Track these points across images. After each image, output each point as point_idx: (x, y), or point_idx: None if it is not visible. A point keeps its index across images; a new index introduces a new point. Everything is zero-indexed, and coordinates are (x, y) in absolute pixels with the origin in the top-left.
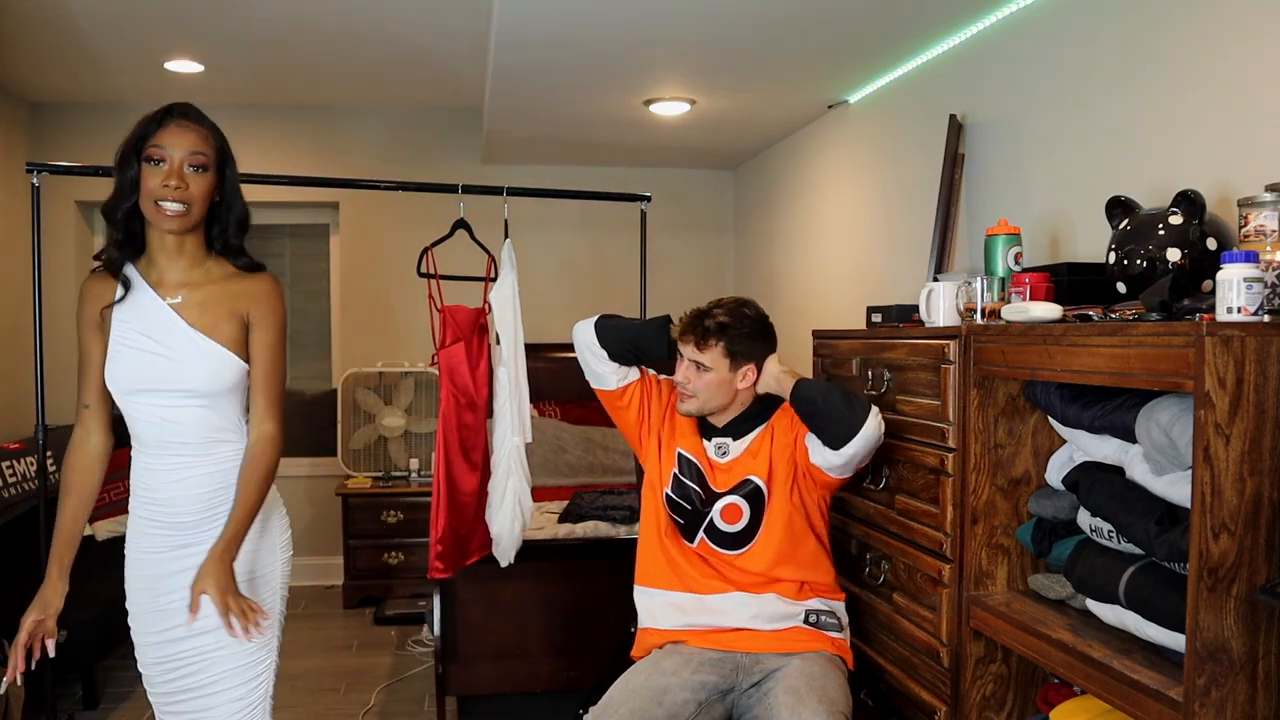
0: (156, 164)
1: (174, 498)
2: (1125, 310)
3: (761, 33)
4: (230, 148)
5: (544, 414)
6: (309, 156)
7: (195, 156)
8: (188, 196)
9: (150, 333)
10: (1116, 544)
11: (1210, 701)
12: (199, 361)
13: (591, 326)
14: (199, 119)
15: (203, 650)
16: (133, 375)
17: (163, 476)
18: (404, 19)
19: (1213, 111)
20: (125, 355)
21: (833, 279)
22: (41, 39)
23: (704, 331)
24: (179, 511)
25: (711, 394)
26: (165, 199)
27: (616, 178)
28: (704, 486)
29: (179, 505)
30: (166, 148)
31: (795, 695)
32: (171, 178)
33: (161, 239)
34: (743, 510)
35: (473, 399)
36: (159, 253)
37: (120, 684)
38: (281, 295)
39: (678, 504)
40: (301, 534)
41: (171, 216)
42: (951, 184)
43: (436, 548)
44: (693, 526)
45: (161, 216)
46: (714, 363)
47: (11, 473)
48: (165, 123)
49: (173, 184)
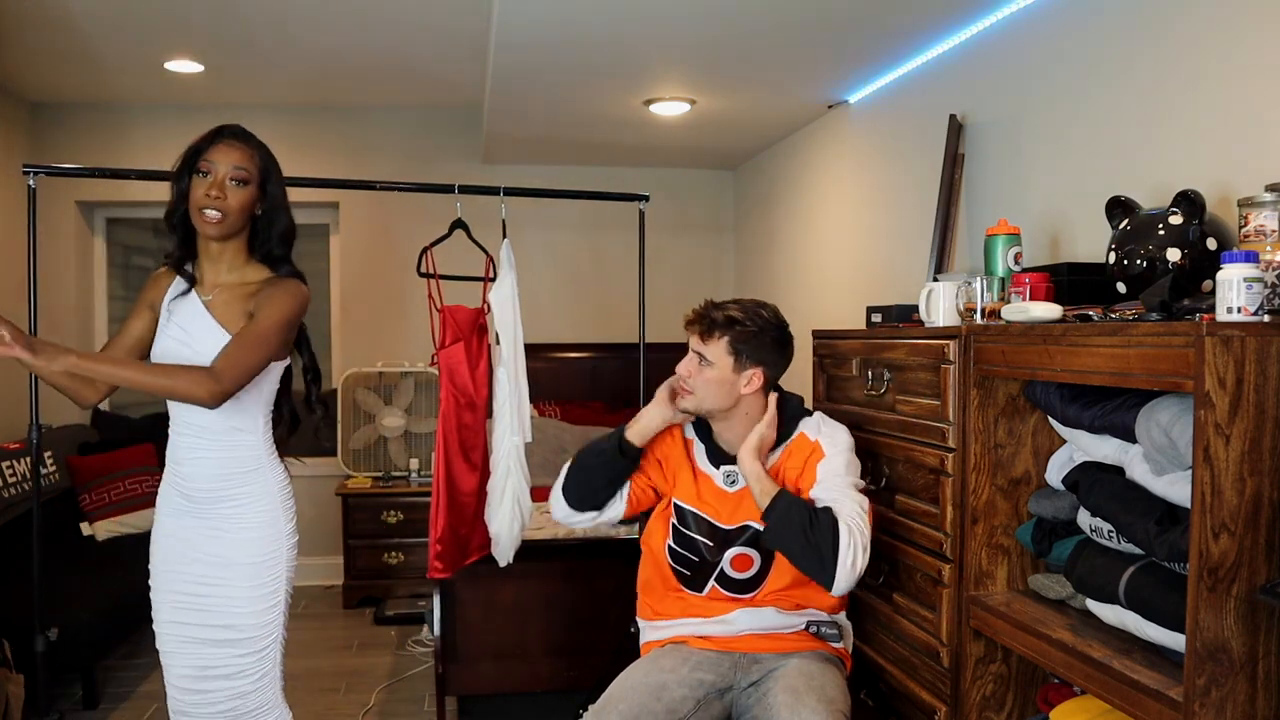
0: (204, 176)
1: (191, 473)
2: (1125, 310)
3: (761, 33)
4: (277, 166)
5: (544, 414)
6: (309, 156)
7: (237, 171)
8: (225, 206)
9: (182, 323)
10: (1116, 544)
11: (1210, 701)
12: (207, 341)
13: (560, 496)
14: (246, 138)
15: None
16: (158, 355)
17: (183, 452)
18: (404, 19)
19: (1213, 111)
20: (162, 340)
21: (833, 279)
22: (41, 39)
23: (710, 323)
24: (193, 487)
25: (711, 392)
26: (206, 207)
27: (616, 178)
28: (713, 533)
29: (193, 481)
30: (214, 162)
31: (794, 694)
32: (213, 189)
33: (206, 244)
34: (753, 559)
35: (472, 399)
36: (204, 255)
37: (120, 684)
38: (293, 294)
39: (683, 556)
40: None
41: (210, 223)
42: (951, 184)
43: (436, 548)
44: (702, 576)
45: (202, 222)
46: (717, 358)
47: (11, 473)
48: (216, 140)
49: (213, 194)
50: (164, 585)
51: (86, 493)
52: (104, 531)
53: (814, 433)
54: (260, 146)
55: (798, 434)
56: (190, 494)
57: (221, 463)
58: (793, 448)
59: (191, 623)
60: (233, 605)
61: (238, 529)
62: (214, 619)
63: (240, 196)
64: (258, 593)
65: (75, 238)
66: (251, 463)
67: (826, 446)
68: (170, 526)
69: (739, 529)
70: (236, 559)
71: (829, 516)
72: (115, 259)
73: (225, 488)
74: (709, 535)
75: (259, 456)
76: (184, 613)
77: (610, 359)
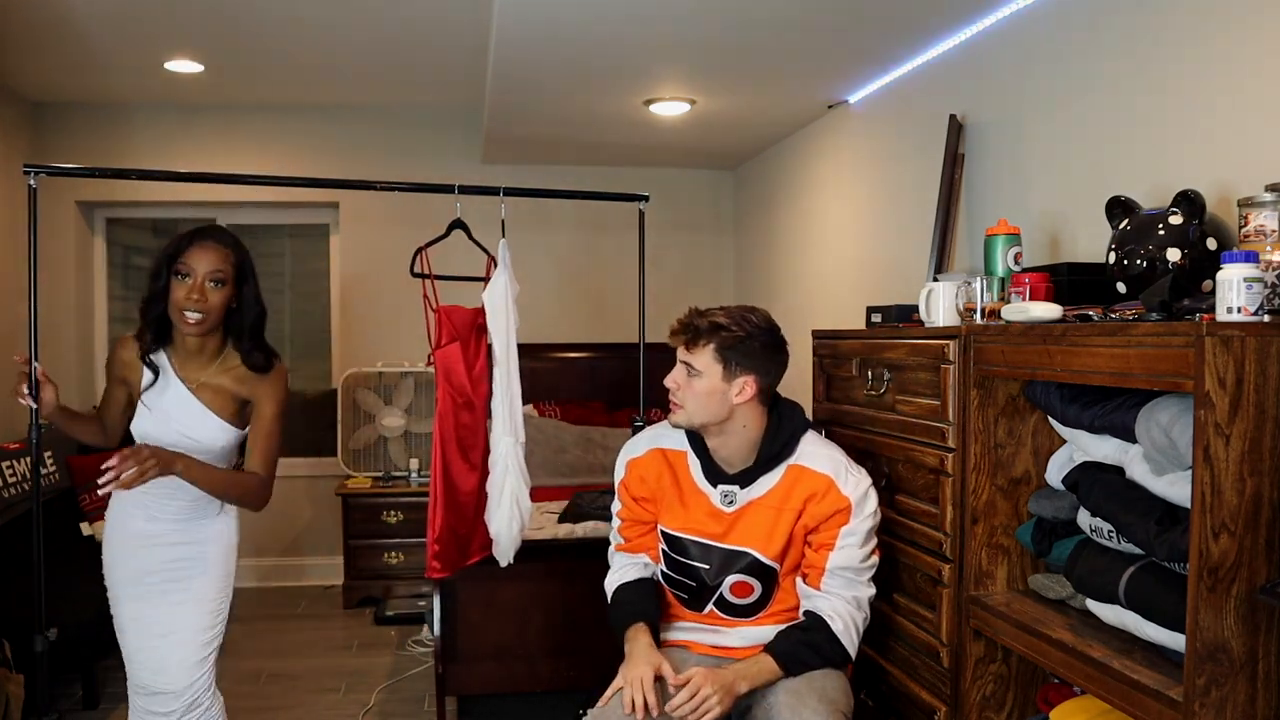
0: (183, 278)
1: (173, 491)
2: (1125, 310)
3: (761, 33)
4: (251, 262)
5: (544, 414)
6: (309, 156)
7: (216, 273)
8: (206, 307)
9: (171, 410)
10: (1116, 544)
11: (1210, 701)
12: (205, 431)
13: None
14: (221, 238)
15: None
16: (154, 435)
17: (158, 487)
18: (404, 19)
19: (1213, 111)
20: (153, 420)
21: (833, 279)
22: (42, 39)
23: (695, 330)
24: (173, 502)
25: (701, 404)
26: (188, 309)
27: (616, 178)
28: (708, 555)
29: (175, 498)
30: (192, 265)
31: (796, 695)
32: (194, 291)
33: (183, 339)
34: (754, 587)
35: (470, 399)
36: (182, 348)
37: (120, 684)
38: (284, 382)
39: (679, 581)
40: (301, 534)
41: (191, 324)
42: (951, 184)
43: (434, 547)
44: (699, 600)
45: (184, 323)
46: (705, 367)
47: (11, 473)
48: (194, 242)
49: (195, 297)
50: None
51: (86, 493)
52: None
53: (829, 467)
54: (236, 245)
55: (801, 462)
56: (162, 508)
57: (198, 506)
58: (801, 477)
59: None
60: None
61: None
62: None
63: (219, 296)
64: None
65: (75, 238)
66: (215, 509)
67: (855, 505)
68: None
69: (738, 554)
70: (199, 557)
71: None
72: (115, 259)
73: (198, 510)
74: (703, 558)
75: (220, 505)
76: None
77: (610, 359)
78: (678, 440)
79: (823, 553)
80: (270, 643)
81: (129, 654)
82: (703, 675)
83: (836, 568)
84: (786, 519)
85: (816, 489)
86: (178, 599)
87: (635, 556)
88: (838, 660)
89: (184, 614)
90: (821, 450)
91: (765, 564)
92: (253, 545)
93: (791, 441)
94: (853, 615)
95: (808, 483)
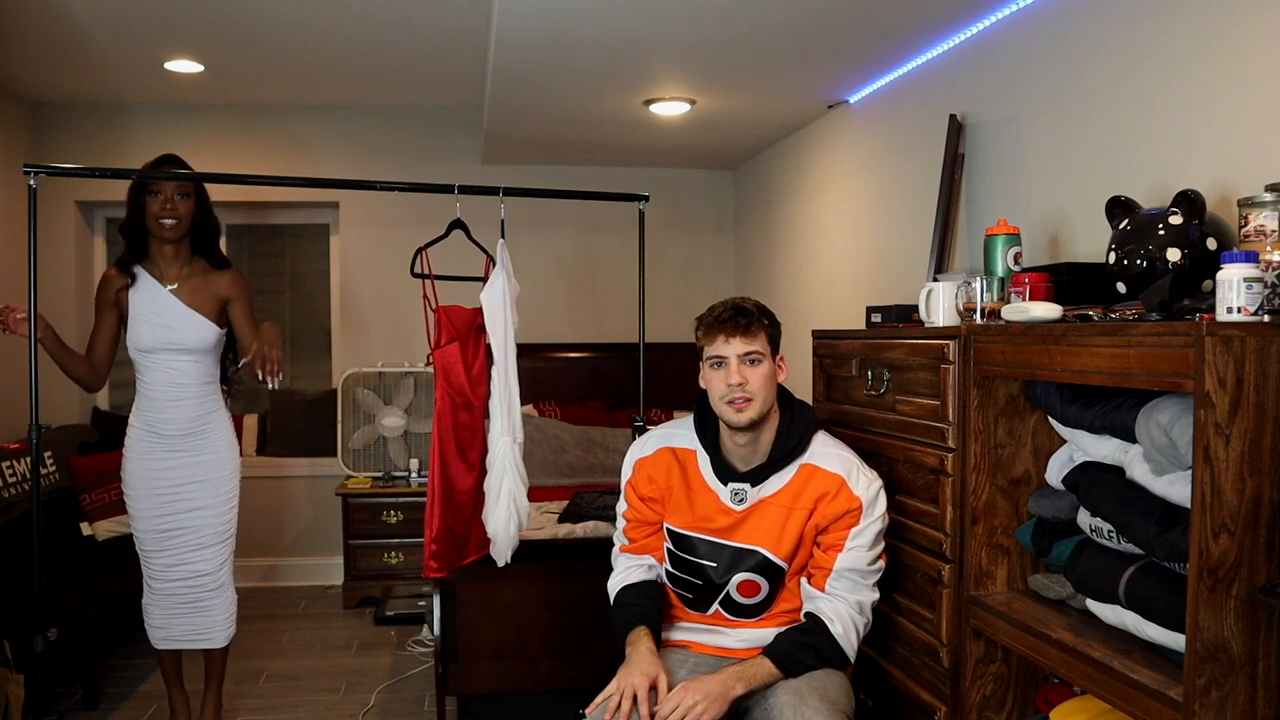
0: (155, 195)
1: (169, 418)
2: (1125, 310)
3: (762, 33)
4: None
5: (544, 414)
6: (309, 156)
7: (181, 188)
8: (178, 214)
9: (158, 310)
10: (1116, 544)
11: (1210, 701)
12: (190, 329)
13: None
14: (181, 163)
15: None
16: (147, 339)
17: (163, 401)
18: (404, 19)
19: (1213, 111)
20: (142, 325)
21: (833, 279)
22: (41, 39)
23: (749, 317)
24: (172, 429)
25: (769, 390)
26: (163, 217)
27: (616, 177)
28: (717, 553)
29: (172, 425)
30: (161, 183)
31: (797, 695)
32: (167, 202)
33: (161, 247)
34: (761, 586)
35: (468, 399)
36: (159, 256)
37: (120, 684)
38: (246, 281)
39: (684, 580)
40: (301, 534)
41: (169, 228)
42: (951, 184)
43: (431, 547)
44: (705, 599)
45: (161, 230)
46: (764, 349)
47: (11, 473)
48: (159, 165)
49: (168, 207)
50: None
51: (86, 493)
52: (104, 531)
53: (840, 467)
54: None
55: (813, 461)
56: (167, 434)
57: (197, 405)
58: (813, 476)
59: (168, 529)
60: (202, 511)
61: (207, 454)
62: (188, 521)
63: (186, 206)
64: (223, 502)
65: (75, 238)
66: (214, 405)
67: (866, 506)
68: (148, 463)
69: (748, 552)
70: (206, 477)
71: (827, 640)
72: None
73: (197, 425)
74: (711, 556)
75: (219, 399)
76: (163, 519)
77: (610, 359)
78: (688, 438)
79: (830, 554)
80: (270, 643)
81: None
82: (684, 686)
83: (843, 570)
84: (798, 518)
85: (828, 488)
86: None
87: (640, 558)
88: (836, 663)
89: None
90: (833, 450)
91: (774, 563)
92: (253, 545)
93: (804, 440)
94: (854, 619)
95: (819, 482)
